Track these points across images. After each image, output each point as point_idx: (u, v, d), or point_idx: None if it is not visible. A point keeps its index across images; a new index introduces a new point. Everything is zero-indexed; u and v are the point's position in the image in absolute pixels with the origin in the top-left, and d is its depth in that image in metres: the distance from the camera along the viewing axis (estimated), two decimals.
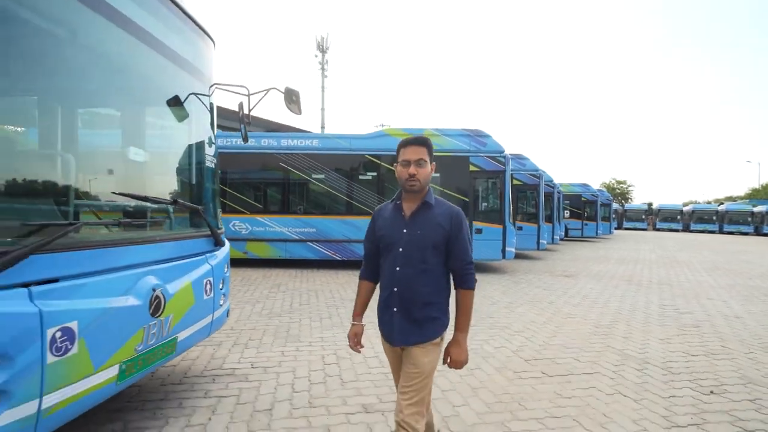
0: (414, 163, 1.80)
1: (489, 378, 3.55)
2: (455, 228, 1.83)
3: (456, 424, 2.75)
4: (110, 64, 2.30)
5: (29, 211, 1.75)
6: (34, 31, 1.84)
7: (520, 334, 4.88)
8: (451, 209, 1.88)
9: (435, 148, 7.87)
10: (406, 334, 1.82)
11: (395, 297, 1.83)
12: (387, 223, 1.92)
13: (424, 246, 1.81)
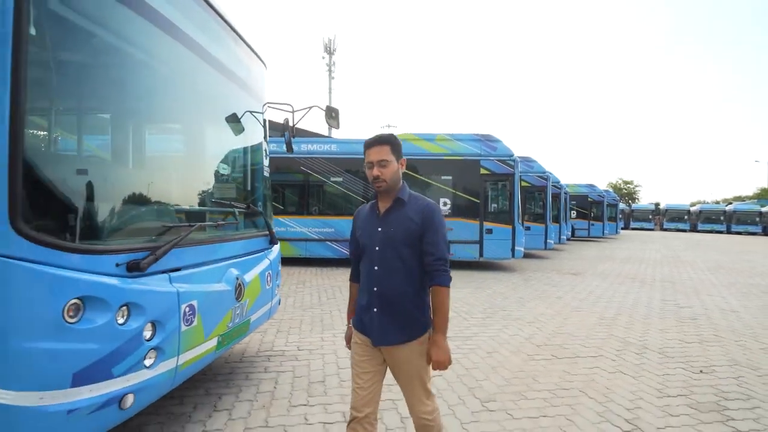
0: (377, 164, 1.78)
1: (506, 359, 4.07)
2: (426, 222, 1.79)
3: (480, 393, 3.27)
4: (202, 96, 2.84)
5: (166, 216, 2.31)
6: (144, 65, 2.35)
7: (531, 325, 5.39)
8: (423, 203, 1.85)
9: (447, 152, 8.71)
10: (388, 333, 1.79)
11: (375, 297, 1.81)
12: (364, 224, 1.93)
13: (398, 244, 1.79)
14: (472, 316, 5.82)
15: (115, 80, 2.07)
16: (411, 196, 1.88)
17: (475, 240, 10.33)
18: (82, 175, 1.85)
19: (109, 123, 2.15)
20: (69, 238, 1.70)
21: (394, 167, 1.81)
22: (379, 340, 1.81)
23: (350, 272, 2.09)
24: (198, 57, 2.66)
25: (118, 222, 1.99)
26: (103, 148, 2.16)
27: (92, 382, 1.67)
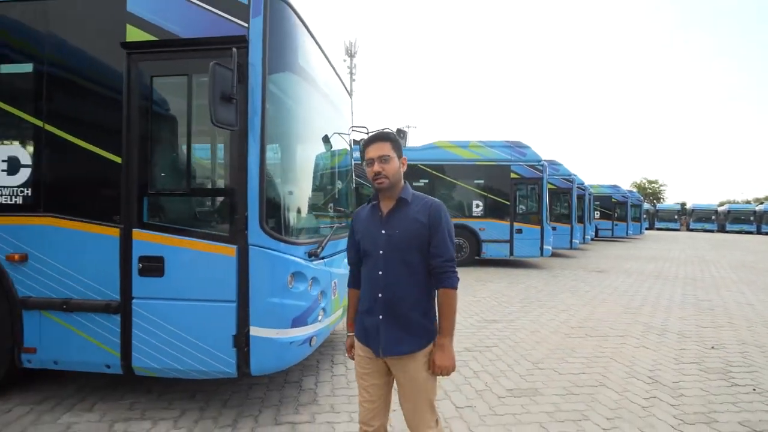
0: (378, 160, 1.71)
1: (546, 336, 4.94)
2: (433, 221, 1.70)
3: (530, 358, 4.16)
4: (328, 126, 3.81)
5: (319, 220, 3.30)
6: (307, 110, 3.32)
7: (564, 312, 6.23)
8: (428, 202, 1.75)
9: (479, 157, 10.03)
10: (394, 343, 1.69)
11: (380, 304, 1.71)
12: (364, 226, 1.82)
13: (404, 246, 1.70)
14: (511, 304, 6.69)
15: (298, 126, 3.09)
16: (414, 195, 1.78)
17: (506, 239, 11.14)
18: (290, 195, 2.86)
19: (297, 156, 3.14)
20: (285, 235, 2.71)
21: (395, 164, 1.73)
22: (385, 351, 1.70)
23: (348, 279, 1.97)
24: (328, 100, 3.67)
25: (303, 225, 2.99)
26: (292, 175, 3.14)
27: (300, 326, 2.67)
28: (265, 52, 2.59)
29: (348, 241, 1.96)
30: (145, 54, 2.71)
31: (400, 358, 1.70)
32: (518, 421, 2.88)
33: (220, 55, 2.52)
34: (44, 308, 2.77)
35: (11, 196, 2.83)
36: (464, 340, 4.71)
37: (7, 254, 2.78)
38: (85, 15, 2.78)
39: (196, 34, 2.64)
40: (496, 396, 3.27)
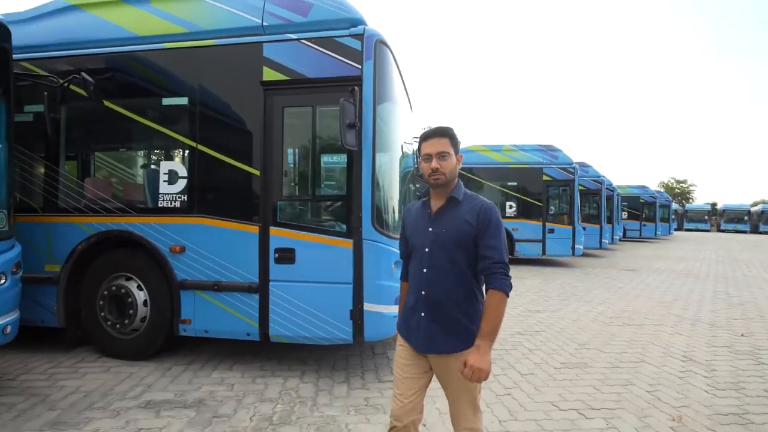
0: (436, 157, 1.69)
1: (587, 324, 5.51)
2: (483, 224, 1.66)
3: (576, 341, 4.75)
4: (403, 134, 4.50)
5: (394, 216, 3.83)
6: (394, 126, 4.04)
7: (601, 305, 6.76)
8: (479, 204, 1.72)
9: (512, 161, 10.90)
10: (434, 341, 1.69)
11: (423, 300, 1.71)
12: (413, 223, 1.83)
13: (450, 245, 1.68)
14: (550, 298, 7.25)
15: (392, 143, 3.80)
16: (466, 195, 1.76)
17: (538, 239, 11.64)
18: (389, 198, 3.57)
19: (391, 166, 3.84)
20: (388, 231, 3.41)
21: (453, 161, 1.71)
22: (426, 347, 1.71)
23: (401, 273, 1.99)
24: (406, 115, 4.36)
25: (396, 221, 3.69)
26: (389, 182, 3.83)
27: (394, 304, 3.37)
28: (375, 89, 3.31)
29: (400, 235, 1.97)
30: (279, 90, 3.46)
31: (441, 356, 1.69)
32: (575, 385, 3.50)
33: (339, 91, 3.25)
34: (197, 288, 3.55)
35: (171, 201, 3.63)
36: (514, 326, 5.33)
37: (170, 246, 3.58)
38: (230, 59, 3.56)
39: (319, 75, 3.38)
40: (552, 367, 3.90)
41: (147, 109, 3.81)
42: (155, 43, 3.70)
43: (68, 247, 3.73)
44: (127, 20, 3.79)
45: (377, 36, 3.37)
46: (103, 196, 3.83)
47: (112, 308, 3.75)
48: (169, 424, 2.69)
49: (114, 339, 3.76)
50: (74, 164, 4.20)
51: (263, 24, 3.51)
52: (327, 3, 3.44)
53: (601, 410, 3.03)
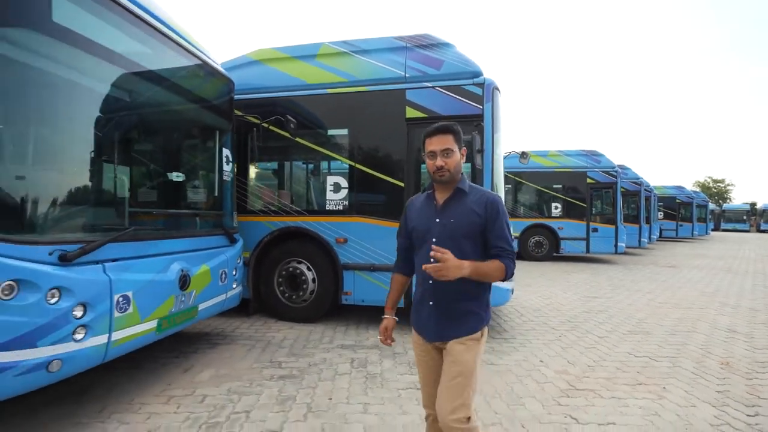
0: (440, 154, 1.72)
1: (641, 308, 6.55)
2: (491, 214, 1.71)
3: (631, 321, 5.82)
4: None
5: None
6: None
7: (648, 294, 7.75)
8: (486, 195, 1.77)
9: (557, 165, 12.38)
10: (442, 328, 1.73)
11: (431, 290, 1.74)
12: (418, 214, 1.85)
13: (458, 235, 1.71)
14: (601, 288, 8.29)
15: (498, 159, 5.01)
16: (471, 187, 1.81)
17: (583, 237, 12.59)
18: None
19: (500, 177, 5.05)
20: None
21: (457, 157, 1.75)
22: (435, 336, 1.75)
23: (394, 264, 2.03)
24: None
25: None
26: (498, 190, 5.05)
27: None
28: (492, 123, 4.52)
29: (399, 228, 1.99)
30: (419, 124, 4.71)
31: (450, 343, 1.73)
32: (642, 343, 4.61)
33: (465, 125, 4.46)
34: (357, 269, 4.85)
35: (336, 205, 4.94)
36: (578, 306, 6.45)
37: (336, 238, 4.89)
38: (380, 101, 4.84)
39: (450, 113, 4.60)
40: (620, 333, 5.01)
41: (316, 138, 5.16)
42: (321, 89, 5.03)
43: (257, 239, 5.10)
44: (298, 71, 5.14)
45: (494, 84, 4.58)
46: (283, 202, 5.19)
47: (287, 284, 5.10)
48: (367, 356, 3.98)
49: (289, 307, 5.10)
50: (260, 178, 5.58)
51: (405, 75, 4.78)
52: (455, 59, 4.68)
53: (666, 358, 4.14)
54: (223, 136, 4.34)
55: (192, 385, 3.23)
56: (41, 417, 2.67)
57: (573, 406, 3.03)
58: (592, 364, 3.94)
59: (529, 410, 2.94)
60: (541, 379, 3.51)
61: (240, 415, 2.78)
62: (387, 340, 1.95)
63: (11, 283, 2.10)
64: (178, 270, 3.24)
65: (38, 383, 2.24)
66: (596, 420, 2.82)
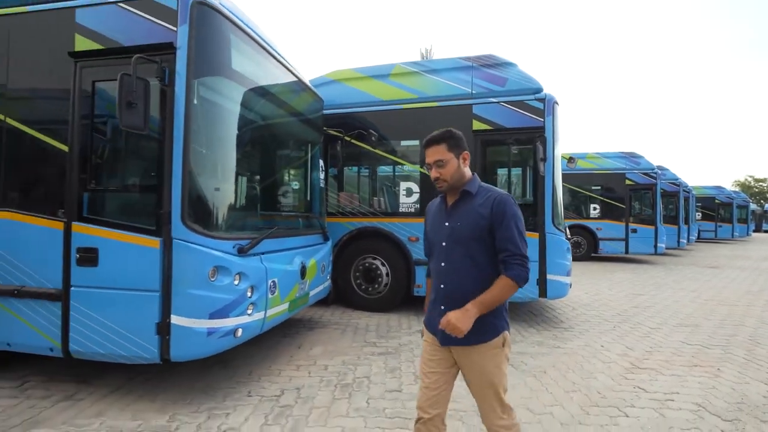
0: (434, 166, 1.74)
1: (686, 304, 6.88)
2: (497, 215, 1.66)
3: (679, 315, 6.19)
4: None
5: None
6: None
7: (693, 292, 8.04)
8: (493, 195, 1.71)
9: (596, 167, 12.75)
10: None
11: (442, 294, 1.75)
12: (433, 219, 1.87)
13: (465, 238, 1.69)
14: (646, 286, 8.61)
15: (557, 162, 5.53)
16: (480, 187, 1.78)
17: (621, 238, 12.80)
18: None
19: (556, 177, 5.57)
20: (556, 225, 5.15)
21: (453, 165, 1.74)
22: (445, 340, 1.73)
23: (427, 268, 1.99)
24: None
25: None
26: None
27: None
28: (553, 136, 5.05)
29: (423, 231, 2.03)
30: (485, 135, 5.28)
31: (463, 348, 1.71)
32: (693, 334, 5.02)
33: (528, 136, 5.02)
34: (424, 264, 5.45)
35: (408, 208, 5.57)
36: (626, 302, 6.85)
37: (409, 237, 5.51)
38: (449, 115, 5.42)
39: (514, 126, 5.15)
40: (671, 325, 5.42)
41: (390, 148, 5.80)
42: (394, 105, 5.67)
43: (336, 238, 5.78)
44: (373, 89, 5.79)
45: (554, 99, 5.11)
46: (361, 205, 5.84)
47: (363, 277, 5.75)
48: None
49: (364, 298, 5.75)
50: (340, 183, 6.25)
51: (472, 92, 5.36)
52: (518, 77, 5.23)
53: (717, 347, 4.55)
54: (315, 147, 5.03)
55: (310, 358, 3.91)
56: (206, 378, 3.39)
57: (638, 380, 3.54)
58: (649, 349, 4.40)
59: (601, 382, 3.47)
60: (606, 360, 4.02)
61: (363, 379, 3.42)
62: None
63: (214, 269, 2.81)
64: (300, 262, 3.92)
65: (228, 345, 2.95)
66: (662, 390, 3.33)
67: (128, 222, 2.85)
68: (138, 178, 3.07)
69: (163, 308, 2.73)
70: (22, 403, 2.89)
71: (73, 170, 2.92)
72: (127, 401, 2.95)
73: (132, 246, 2.78)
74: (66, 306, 2.88)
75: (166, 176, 2.75)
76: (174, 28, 2.79)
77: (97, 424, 2.64)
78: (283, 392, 3.16)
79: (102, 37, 2.92)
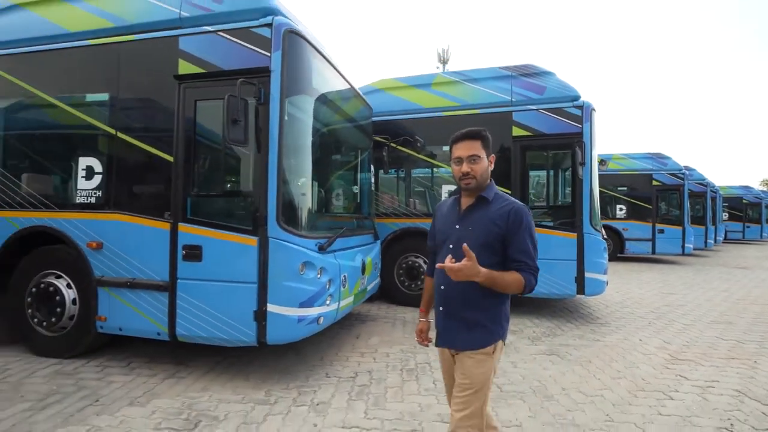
0: (467, 160, 1.69)
1: (718, 303, 7.04)
2: (513, 226, 1.65)
3: (714, 312, 6.37)
4: None
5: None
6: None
7: (724, 292, 8.15)
8: (509, 206, 1.69)
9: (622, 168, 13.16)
10: (450, 335, 1.73)
11: (441, 295, 1.75)
12: (443, 219, 1.85)
13: (474, 244, 1.62)
14: (676, 286, 8.75)
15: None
16: (496, 195, 1.75)
17: (648, 238, 12.87)
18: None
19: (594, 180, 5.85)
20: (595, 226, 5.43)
21: (484, 164, 1.71)
22: (443, 341, 1.76)
23: (427, 266, 2.03)
24: None
25: None
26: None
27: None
28: (591, 140, 5.32)
29: (429, 231, 2.00)
30: (522, 141, 5.58)
31: (458, 353, 1.72)
32: (727, 330, 5.23)
33: (567, 141, 5.30)
34: None
35: None
36: (657, 301, 7.05)
37: None
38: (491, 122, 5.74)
39: (553, 132, 5.44)
40: (705, 323, 5.63)
41: (433, 153, 6.15)
42: (436, 112, 6.01)
43: (382, 237, 6.14)
44: (416, 98, 6.15)
45: (591, 106, 5.38)
46: (405, 207, 6.21)
47: (406, 275, 6.10)
48: None
49: (407, 294, 6.10)
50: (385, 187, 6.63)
51: (512, 99, 5.68)
52: (557, 85, 5.53)
53: (752, 342, 4.76)
54: (365, 152, 5.41)
55: (371, 347, 4.29)
56: (284, 363, 3.80)
57: (679, 369, 3.81)
58: (686, 343, 4.65)
59: (644, 371, 3.76)
60: (646, 352, 4.29)
61: (424, 365, 3.78)
62: (424, 342, 2.01)
63: (303, 264, 3.21)
64: (361, 259, 4.31)
65: (313, 331, 3.35)
66: (702, 378, 3.60)
67: (228, 223, 3.29)
68: (235, 185, 3.51)
69: (259, 298, 3.15)
70: (135, 379, 3.35)
71: (178, 178, 3.37)
72: (223, 380, 3.37)
73: (232, 244, 3.21)
74: (173, 296, 3.33)
75: (261, 183, 3.17)
76: (268, 54, 3.21)
77: (206, 396, 3.07)
78: (356, 374, 3.55)
79: (203, 61, 3.36)
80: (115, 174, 3.58)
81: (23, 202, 3.80)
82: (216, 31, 3.34)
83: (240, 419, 2.74)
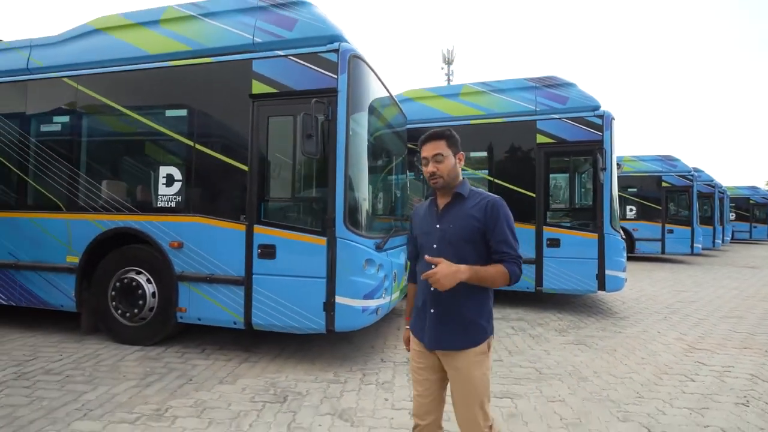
0: (432, 159, 1.74)
1: (728, 300, 7.41)
2: (491, 218, 1.67)
3: (724, 308, 6.74)
4: None
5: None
6: None
7: (734, 290, 8.52)
8: (486, 199, 1.73)
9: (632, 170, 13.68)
10: (444, 338, 1.71)
11: (431, 297, 1.73)
12: (421, 221, 1.86)
13: (457, 241, 1.69)
14: (686, 284, 9.12)
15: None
16: (472, 191, 1.79)
17: (658, 238, 13.23)
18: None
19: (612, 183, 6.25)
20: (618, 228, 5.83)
21: (450, 162, 1.75)
22: (433, 344, 1.73)
23: (408, 273, 2.02)
24: None
25: None
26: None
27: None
28: (611, 147, 5.72)
29: (408, 236, 2.02)
30: (547, 148, 5.99)
31: (449, 353, 1.71)
32: (739, 324, 5.62)
33: (589, 150, 5.71)
34: None
35: None
36: (670, 298, 7.44)
37: None
38: (515, 130, 6.15)
39: (575, 139, 5.85)
40: (717, 317, 6.02)
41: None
42: (464, 121, 6.43)
43: None
44: (443, 106, 6.58)
45: (611, 115, 5.79)
46: None
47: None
48: (520, 324, 5.31)
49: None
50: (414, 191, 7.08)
51: (536, 109, 6.09)
52: (578, 96, 5.94)
53: (764, 335, 5.15)
54: (401, 158, 5.84)
55: None
56: (341, 350, 4.23)
57: (697, 357, 4.21)
58: (701, 335, 5.04)
59: (665, 358, 4.16)
60: (665, 342, 4.69)
61: None
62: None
63: (366, 261, 3.65)
64: (404, 257, 4.73)
65: (372, 320, 3.77)
66: (719, 364, 4.01)
67: (298, 225, 3.72)
68: (304, 191, 3.94)
69: (328, 290, 3.58)
70: (215, 363, 3.79)
71: (253, 185, 3.81)
72: (292, 363, 3.81)
73: (304, 243, 3.65)
74: (249, 289, 3.77)
75: (330, 189, 3.61)
76: (335, 76, 3.64)
77: (283, 377, 3.50)
78: (408, 359, 3.97)
79: (275, 82, 3.80)
80: (193, 181, 4.02)
81: (107, 206, 4.25)
82: (287, 56, 3.78)
83: (321, 394, 3.18)
